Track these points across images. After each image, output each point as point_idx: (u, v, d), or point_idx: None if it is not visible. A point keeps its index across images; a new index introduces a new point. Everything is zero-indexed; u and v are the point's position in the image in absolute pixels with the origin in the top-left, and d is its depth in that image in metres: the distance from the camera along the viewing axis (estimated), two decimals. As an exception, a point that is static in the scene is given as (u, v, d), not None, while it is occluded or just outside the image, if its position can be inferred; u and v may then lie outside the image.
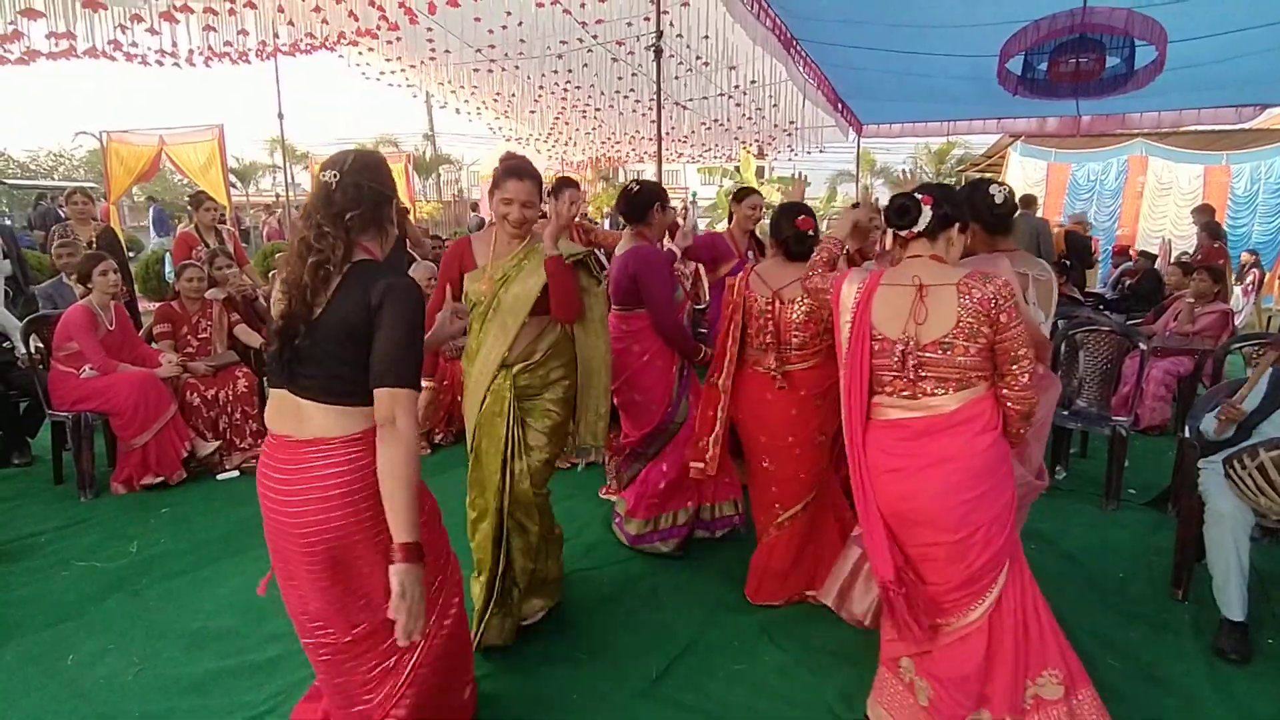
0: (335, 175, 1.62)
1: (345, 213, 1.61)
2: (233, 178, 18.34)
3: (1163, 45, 4.84)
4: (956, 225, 2.00)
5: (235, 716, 2.21)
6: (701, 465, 2.76)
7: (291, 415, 1.62)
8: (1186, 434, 2.93)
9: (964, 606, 1.93)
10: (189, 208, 5.52)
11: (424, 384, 2.35)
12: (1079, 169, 13.05)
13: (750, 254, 3.69)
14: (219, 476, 4.16)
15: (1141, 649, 2.54)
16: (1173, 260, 7.83)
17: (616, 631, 2.65)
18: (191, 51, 5.47)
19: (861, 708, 2.21)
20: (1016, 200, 2.63)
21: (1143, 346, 3.90)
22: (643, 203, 3.05)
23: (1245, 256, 9.95)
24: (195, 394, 4.22)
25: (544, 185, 2.47)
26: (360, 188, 1.64)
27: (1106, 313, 6.54)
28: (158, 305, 4.75)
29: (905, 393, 1.94)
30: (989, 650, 1.91)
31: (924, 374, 1.91)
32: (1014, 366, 1.88)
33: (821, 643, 2.56)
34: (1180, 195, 12.08)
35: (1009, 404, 1.91)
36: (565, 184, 4.04)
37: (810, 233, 2.63)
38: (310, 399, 1.60)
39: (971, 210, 2.22)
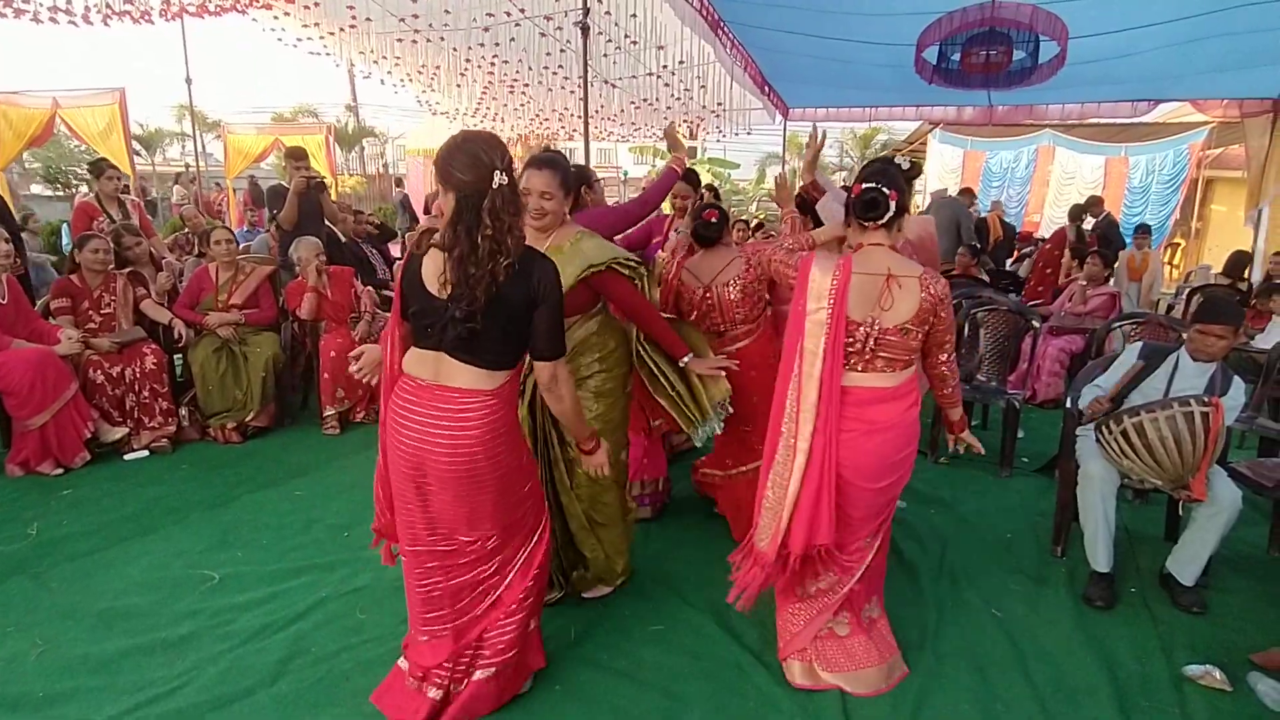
0: (503, 177, 1.79)
1: (520, 211, 1.86)
2: (137, 145, 17.31)
3: (1064, 40, 5.13)
4: (906, 213, 2.20)
5: (145, 693, 2.18)
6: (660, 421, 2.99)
7: (434, 367, 1.89)
8: (1069, 405, 3.19)
9: (865, 535, 2.28)
10: (89, 176, 5.23)
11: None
12: (993, 156, 13.67)
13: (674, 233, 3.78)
14: (126, 457, 4.01)
15: (1021, 599, 2.78)
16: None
17: (537, 599, 2.72)
18: (88, 9, 5.15)
19: (768, 662, 2.37)
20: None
21: (1036, 324, 4.18)
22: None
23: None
24: (99, 372, 4.04)
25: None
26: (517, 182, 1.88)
27: (1012, 294, 6.94)
28: (55, 279, 4.51)
29: (858, 366, 2.14)
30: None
31: (881, 353, 2.12)
32: (946, 346, 2.23)
33: (742, 607, 2.68)
34: (1084, 184, 12.79)
35: (944, 370, 2.27)
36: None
37: (714, 220, 3.01)
38: (467, 363, 1.86)
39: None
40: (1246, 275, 6.96)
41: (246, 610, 2.61)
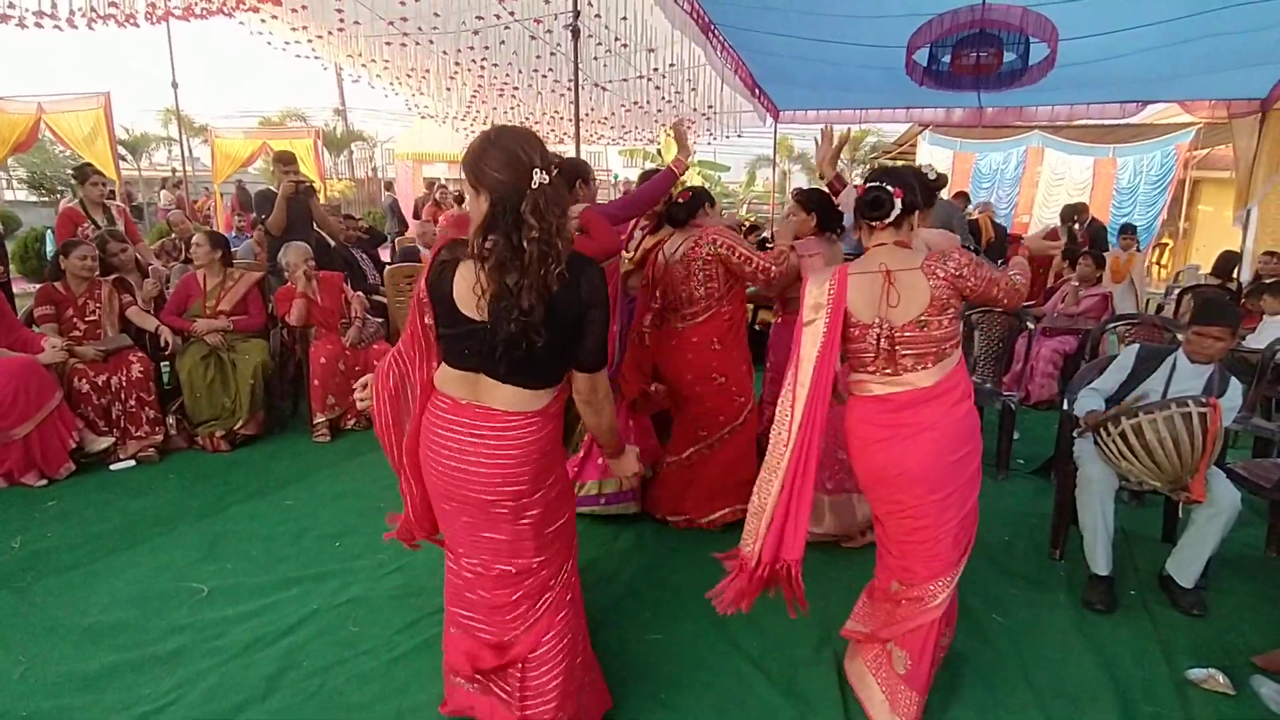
0: (544, 175, 1.61)
1: (566, 211, 1.68)
2: (122, 150, 17.16)
3: (1054, 42, 5.14)
4: (917, 212, 2.11)
5: (132, 711, 2.13)
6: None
7: (474, 386, 1.74)
8: (1066, 407, 3.18)
9: (933, 578, 2.06)
10: (73, 181, 5.16)
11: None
12: (982, 158, 13.72)
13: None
14: (113, 467, 3.94)
15: (1021, 604, 2.76)
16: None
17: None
18: (73, 13, 5.08)
19: (769, 671, 2.34)
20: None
21: (1030, 326, 4.17)
22: (565, 183, 3.16)
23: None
24: (84, 380, 3.97)
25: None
26: (559, 176, 1.69)
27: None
28: (38, 286, 4.43)
29: (887, 370, 2.04)
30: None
31: (903, 352, 2.02)
32: (999, 298, 2.10)
33: (735, 612, 2.65)
34: (1072, 185, 12.87)
35: (1009, 300, 2.13)
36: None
37: (682, 201, 3.18)
38: (508, 383, 1.72)
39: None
40: (1235, 275, 7.01)
41: (236, 623, 2.56)
